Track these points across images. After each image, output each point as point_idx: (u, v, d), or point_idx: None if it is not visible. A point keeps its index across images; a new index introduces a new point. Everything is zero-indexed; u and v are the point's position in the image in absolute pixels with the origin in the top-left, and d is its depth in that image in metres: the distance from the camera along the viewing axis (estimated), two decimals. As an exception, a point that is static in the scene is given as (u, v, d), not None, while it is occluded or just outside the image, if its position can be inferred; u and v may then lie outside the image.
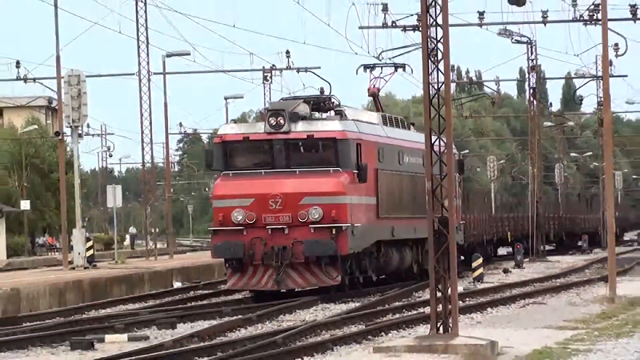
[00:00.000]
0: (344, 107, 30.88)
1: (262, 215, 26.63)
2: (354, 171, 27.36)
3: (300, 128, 27.21)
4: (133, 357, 15.79)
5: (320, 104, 29.38)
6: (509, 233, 48.84)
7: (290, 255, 26.16)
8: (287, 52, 50.81)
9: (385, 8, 35.47)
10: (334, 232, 26.38)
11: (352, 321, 22.34)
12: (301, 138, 27.31)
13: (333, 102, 29.89)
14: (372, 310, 25.37)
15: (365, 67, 35.09)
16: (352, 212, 27.33)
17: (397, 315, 23.62)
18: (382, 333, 19.70)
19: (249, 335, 19.61)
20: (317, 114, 28.82)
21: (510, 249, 50.03)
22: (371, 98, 35.62)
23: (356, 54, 36.97)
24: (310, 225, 26.39)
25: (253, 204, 26.67)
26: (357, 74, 35.85)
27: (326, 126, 27.75)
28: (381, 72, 35.29)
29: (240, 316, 22.87)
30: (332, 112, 29.33)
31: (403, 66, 35.44)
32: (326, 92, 32.60)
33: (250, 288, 27.16)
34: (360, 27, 35.64)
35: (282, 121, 26.94)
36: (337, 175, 27.07)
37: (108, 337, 18.95)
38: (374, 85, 35.09)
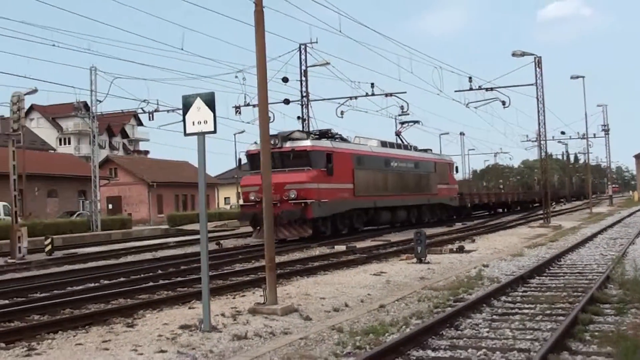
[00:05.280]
0: (356, 137, 37.20)
1: None
2: (323, 169, 31.47)
3: (288, 145, 31.62)
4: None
5: (327, 134, 34.21)
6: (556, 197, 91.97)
7: (280, 219, 30.11)
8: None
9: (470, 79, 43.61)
10: (303, 205, 30.36)
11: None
12: (287, 151, 31.58)
13: (334, 132, 34.79)
14: (526, 217, 51.76)
15: (400, 122, 45.13)
16: (319, 193, 30.98)
17: (534, 216, 49.95)
18: (528, 221, 45.56)
19: (440, 232, 34.97)
20: (312, 137, 32.74)
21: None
22: (397, 136, 43.86)
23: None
24: (290, 201, 30.45)
25: (260, 189, 28.35)
26: (397, 127, 44.48)
27: (302, 143, 31.82)
28: (406, 124, 44.68)
29: (442, 226, 40.53)
30: (335, 138, 33.95)
31: (418, 122, 45.35)
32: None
33: (260, 239, 30.31)
34: (456, 91, 44.58)
35: (277, 142, 31.23)
36: (307, 172, 31.07)
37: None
38: (399, 129, 44.42)
